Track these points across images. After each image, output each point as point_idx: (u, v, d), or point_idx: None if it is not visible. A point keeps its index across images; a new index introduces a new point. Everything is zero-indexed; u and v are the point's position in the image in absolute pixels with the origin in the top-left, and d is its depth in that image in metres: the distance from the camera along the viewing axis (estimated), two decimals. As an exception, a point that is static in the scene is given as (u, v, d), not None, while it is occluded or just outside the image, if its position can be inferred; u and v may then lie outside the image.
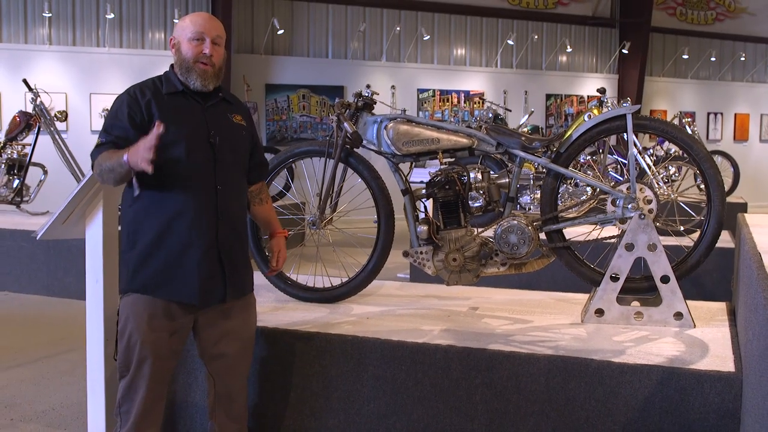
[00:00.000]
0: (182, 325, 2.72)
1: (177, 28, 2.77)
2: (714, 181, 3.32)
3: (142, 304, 2.66)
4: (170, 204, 2.63)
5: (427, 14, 14.68)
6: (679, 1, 17.35)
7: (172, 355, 2.74)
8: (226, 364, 2.83)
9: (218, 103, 2.81)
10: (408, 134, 3.51)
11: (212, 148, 2.69)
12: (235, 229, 2.77)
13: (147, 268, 2.65)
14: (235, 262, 2.77)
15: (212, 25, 2.74)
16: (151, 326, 2.65)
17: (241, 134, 2.83)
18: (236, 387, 2.87)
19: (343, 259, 3.92)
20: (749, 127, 17.97)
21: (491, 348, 2.89)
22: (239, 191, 2.85)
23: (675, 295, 3.19)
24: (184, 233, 2.63)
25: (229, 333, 2.82)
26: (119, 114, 2.64)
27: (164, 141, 2.51)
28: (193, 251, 2.64)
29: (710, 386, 2.57)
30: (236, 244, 2.78)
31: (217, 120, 2.76)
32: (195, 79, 2.70)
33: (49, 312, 6.29)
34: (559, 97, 15.80)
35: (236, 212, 2.79)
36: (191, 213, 2.63)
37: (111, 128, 2.65)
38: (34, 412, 3.95)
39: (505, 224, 3.39)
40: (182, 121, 2.66)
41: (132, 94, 2.68)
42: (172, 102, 2.69)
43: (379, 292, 4.03)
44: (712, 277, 5.56)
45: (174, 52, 2.76)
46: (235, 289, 2.78)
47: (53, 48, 11.74)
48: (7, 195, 8.02)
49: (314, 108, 13.67)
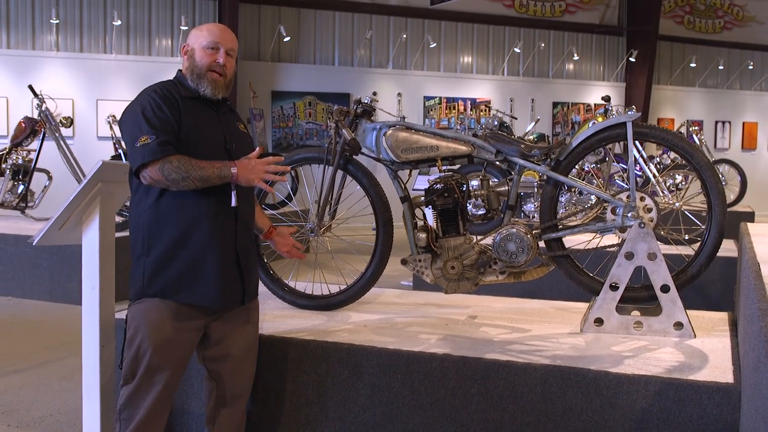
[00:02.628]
0: (196, 328, 2.74)
1: (192, 36, 2.79)
2: (715, 190, 3.29)
3: (159, 310, 2.66)
4: (190, 209, 2.65)
5: (434, 22, 14.70)
6: (687, 10, 17.32)
7: (181, 362, 2.74)
8: (231, 365, 2.84)
9: (228, 111, 2.87)
10: (407, 141, 3.50)
11: (229, 154, 2.74)
12: (250, 234, 2.87)
13: (166, 273, 2.65)
14: (252, 265, 2.87)
15: (227, 37, 2.78)
16: (166, 332, 2.65)
17: (247, 142, 2.91)
18: (240, 389, 2.88)
19: (341, 267, 3.90)
20: (757, 135, 17.89)
21: (488, 357, 2.86)
22: (250, 197, 2.92)
23: (675, 304, 3.16)
24: (205, 237, 2.66)
25: (235, 333, 2.84)
26: (160, 112, 2.60)
27: (186, 144, 2.60)
28: (214, 255, 2.67)
29: (708, 397, 2.54)
30: (251, 248, 2.87)
31: (229, 127, 2.83)
32: (206, 87, 2.73)
33: (51, 317, 6.30)
34: (565, 105, 15.78)
35: (249, 217, 2.88)
36: (211, 218, 2.67)
37: (159, 126, 2.57)
38: (32, 419, 3.94)
39: (504, 232, 3.37)
40: (202, 126, 2.71)
41: (163, 92, 2.66)
42: (191, 107, 2.72)
43: (378, 299, 4.01)
44: (716, 286, 5.52)
45: (186, 59, 2.78)
46: (251, 293, 2.87)
47: (60, 54, 11.81)
48: (12, 200, 8.06)
49: (320, 115, 13.69)
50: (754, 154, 17.71)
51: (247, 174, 2.62)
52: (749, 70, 17.63)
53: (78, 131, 11.37)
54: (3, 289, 7.06)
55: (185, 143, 2.61)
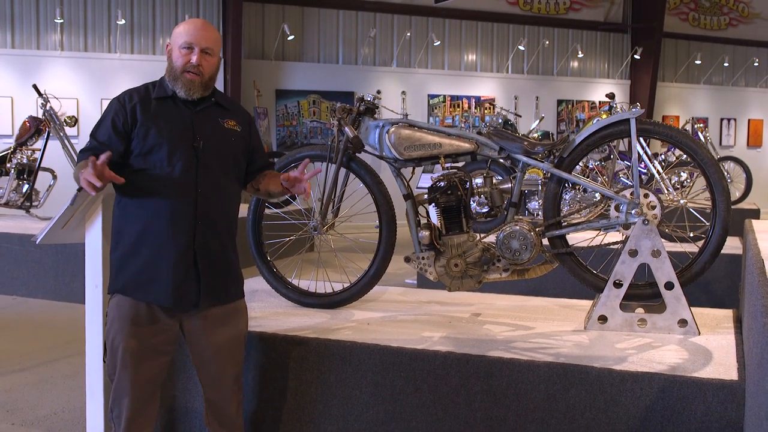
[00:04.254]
0: (166, 326, 2.71)
1: (172, 34, 2.76)
2: (719, 187, 3.27)
3: (125, 306, 2.67)
4: (150, 206, 2.64)
5: (438, 20, 14.67)
6: (692, 6, 17.26)
7: (157, 355, 2.71)
8: (210, 372, 2.80)
9: (209, 107, 2.79)
10: (410, 139, 3.49)
11: (195, 152, 2.68)
12: (217, 235, 2.74)
13: (127, 269, 2.67)
14: (215, 267, 2.73)
15: (203, 35, 2.70)
16: (132, 329, 2.64)
17: (230, 140, 2.80)
18: (222, 396, 2.81)
19: (344, 265, 3.90)
20: (763, 133, 17.83)
21: (491, 355, 2.85)
22: (226, 197, 2.79)
23: (679, 302, 3.14)
24: (161, 235, 2.63)
25: (214, 341, 2.77)
26: (105, 120, 2.69)
27: (146, 145, 2.61)
28: (168, 253, 2.63)
29: (713, 395, 2.53)
30: (217, 250, 2.74)
31: (205, 125, 2.74)
32: (180, 88, 2.70)
33: (55, 316, 6.31)
34: (570, 102, 15.75)
35: (219, 217, 2.75)
36: (168, 215, 2.63)
37: (96, 133, 2.69)
38: (36, 417, 3.95)
39: (508, 230, 3.36)
40: (166, 125, 2.67)
41: (121, 99, 2.71)
42: (160, 106, 2.71)
43: (381, 297, 4.00)
44: (721, 284, 5.50)
45: (167, 59, 2.76)
46: (211, 296, 2.73)
47: (65, 54, 11.82)
48: (17, 200, 8.07)
49: (324, 113, 13.68)
50: (759, 152, 17.66)
51: (81, 177, 2.45)
52: (754, 66, 17.56)
53: (82, 130, 11.36)
54: (8, 288, 7.08)
55: (150, 140, 2.62)
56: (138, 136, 2.65)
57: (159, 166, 2.63)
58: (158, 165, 2.63)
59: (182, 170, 2.64)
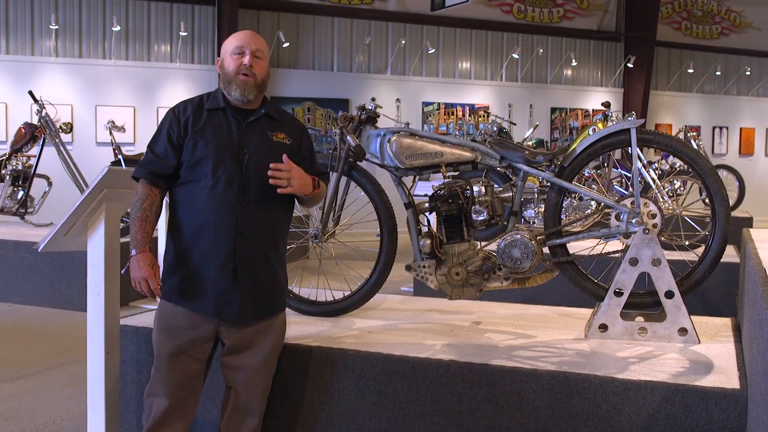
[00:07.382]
0: (204, 332, 2.77)
1: (222, 47, 2.86)
2: (719, 196, 3.29)
3: (166, 311, 2.78)
4: (195, 217, 2.71)
5: (432, 28, 14.72)
6: (685, 16, 17.38)
7: (192, 361, 2.78)
8: (246, 375, 2.84)
9: (259, 120, 2.83)
10: (411, 147, 3.50)
11: (240, 165, 2.72)
12: (260, 248, 2.76)
13: (173, 277, 2.76)
14: (256, 281, 2.76)
15: (252, 39, 2.82)
16: (170, 333, 2.75)
17: (278, 153, 2.78)
18: (254, 402, 2.86)
19: (345, 273, 3.90)
20: (755, 141, 17.93)
21: (494, 363, 2.86)
22: (272, 210, 2.81)
23: (679, 310, 3.16)
24: (205, 246, 2.70)
25: (251, 345, 2.83)
26: (161, 132, 2.78)
27: (194, 157, 2.70)
28: (210, 265, 2.70)
29: (715, 403, 2.54)
30: (260, 263, 2.77)
31: (252, 138, 2.78)
32: (235, 90, 2.75)
33: (51, 324, 6.28)
34: (564, 110, 15.81)
35: (263, 231, 2.77)
36: (211, 227, 2.69)
37: (153, 145, 2.78)
38: (35, 425, 3.93)
39: (509, 238, 3.37)
40: (214, 138, 2.73)
41: (176, 111, 2.79)
42: (211, 118, 2.77)
43: (381, 306, 4.01)
44: (717, 292, 5.52)
45: (219, 69, 2.85)
46: (251, 308, 2.77)
47: (59, 60, 11.80)
48: (12, 206, 8.04)
49: (319, 121, 13.70)
50: (751, 160, 17.76)
51: (133, 271, 2.68)
52: (746, 75, 17.68)
53: (77, 137, 11.36)
54: (3, 295, 7.05)
55: (197, 152, 2.70)
56: (187, 148, 2.72)
57: (204, 178, 2.69)
58: (203, 177, 2.69)
59: (225, 183, 2.69)
